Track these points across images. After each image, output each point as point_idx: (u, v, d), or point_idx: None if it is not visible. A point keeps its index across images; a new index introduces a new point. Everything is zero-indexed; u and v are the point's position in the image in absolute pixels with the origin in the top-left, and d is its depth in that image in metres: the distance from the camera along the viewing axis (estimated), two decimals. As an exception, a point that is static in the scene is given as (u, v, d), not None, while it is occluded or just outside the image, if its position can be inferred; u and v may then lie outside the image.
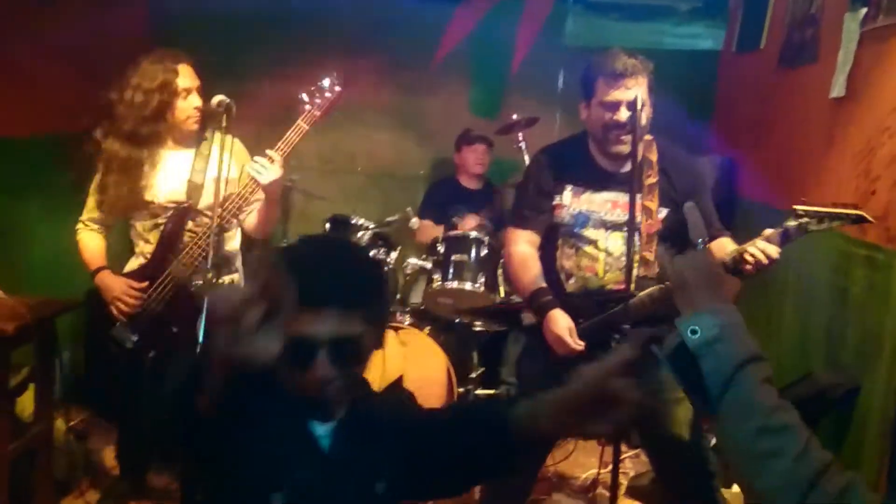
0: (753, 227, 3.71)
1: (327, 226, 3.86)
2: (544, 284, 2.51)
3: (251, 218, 2.82)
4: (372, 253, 3.85)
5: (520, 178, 4.16)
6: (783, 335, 3.18)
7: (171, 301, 2.72)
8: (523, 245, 2.60)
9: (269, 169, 2.56)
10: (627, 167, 2.47)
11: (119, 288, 2.72)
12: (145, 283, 2.74)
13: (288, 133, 2.63)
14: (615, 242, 2.49)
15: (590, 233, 2.51)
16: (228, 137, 2.61)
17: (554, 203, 2.55)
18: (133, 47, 4.24)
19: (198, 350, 2.20)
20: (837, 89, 2.87)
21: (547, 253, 2.59)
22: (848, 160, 2.79)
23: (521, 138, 4.28)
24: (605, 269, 2.50)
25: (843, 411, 2.55)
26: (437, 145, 4.94)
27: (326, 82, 2.64)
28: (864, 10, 2.74)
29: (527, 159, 4.21)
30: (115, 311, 2.73)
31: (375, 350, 1.43)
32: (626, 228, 2.40)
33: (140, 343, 2.73)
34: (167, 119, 2.72)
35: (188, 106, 2.74)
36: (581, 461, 3.67)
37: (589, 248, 2.51)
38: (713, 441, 3.08)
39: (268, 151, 2.60)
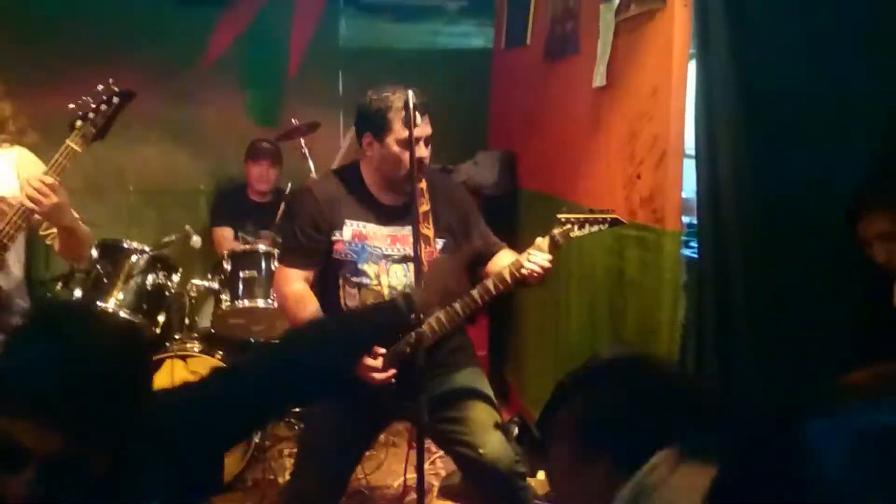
0: (535, 216, 3.88)
1: (94, 253, 3.50)
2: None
3: (56, 245, 2.47)
4: (150, 278, 3.55)
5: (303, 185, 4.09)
6: (572, 319, 3.29)
7: None
8: (297, 284, 2.46)
9: (44, 194, 2.18)
10: (401, 200, 2.47)
11: None
12: None
13: (56, 156, 2.21)
14: (396, 275, 2.46)
15: (371, 268, 2.45)
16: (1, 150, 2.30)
17: (333, 239, 2.45)
18: None
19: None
20: (599, 79, 2.99)
21: (329, 294, 2.48)
22: (614, 146, 2.92)
23: (303, 144, 4.15)
24: None
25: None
26: (216, 157, 4.70)
27: (102, 92, 2.23)
28: (617, 1, 2.86)
29: (311, 165, 4.09)
30: None
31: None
32: (408, 260, 2.41)
33: None
34: None
35: None
36: (393, 468, 3.61)
37: (373, 284, 2.45)
38: (515, 431, 3.14)
39: (40, 175, 2.21)
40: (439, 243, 2.49)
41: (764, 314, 2.30)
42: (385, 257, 2.46)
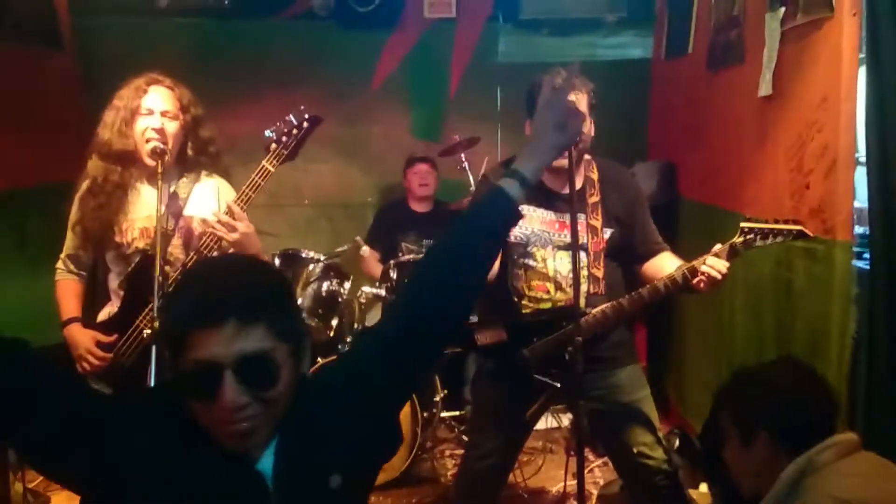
0: (696, 226, 3.83)
1: (276, 261, 3.82)
2: None
3: None
4: (325, 285, 3.83)
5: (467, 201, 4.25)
6: (736, 332, 3.24)
7: (144, 354, 2.47)
8: None
9: (228, 225, 2.41)
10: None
11: (84, 344, 2.54)
12: (114, 337, 2.55)
13: (252, 177, 2.45)
14: (563, 262, 2.51)
15: (539, 252, 2.53)
16: (204, 179, 2.59)
17: None
18: (65, 98, 4.26)
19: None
20: (765, 88, 2.95)
21: (497, 273, 2.58)
22: (781, 156, 2.86)
23: (463, 159, 4.32)
24: (556, 288, 2.52)
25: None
26: (383, 172, 4.97)
27: (294, 117, 2.48)
28: (783, 10, 2.82)
29: (471, 179, 4.25)
30: (79, 369, 2.55)
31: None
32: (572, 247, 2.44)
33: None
34: (131, 136, 2.53)
35: (148, 125, 2.52)
36: (551, 474, 3.68)
37: (539, 267, 2.53)
38: (676, 443, 3.13)
39: (230, 204, 2.44)
40: (607, 233, 2.54)
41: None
42: (551, 242, 2.53)
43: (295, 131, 2.46)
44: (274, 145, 2.46)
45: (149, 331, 2.29)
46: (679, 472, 2.64)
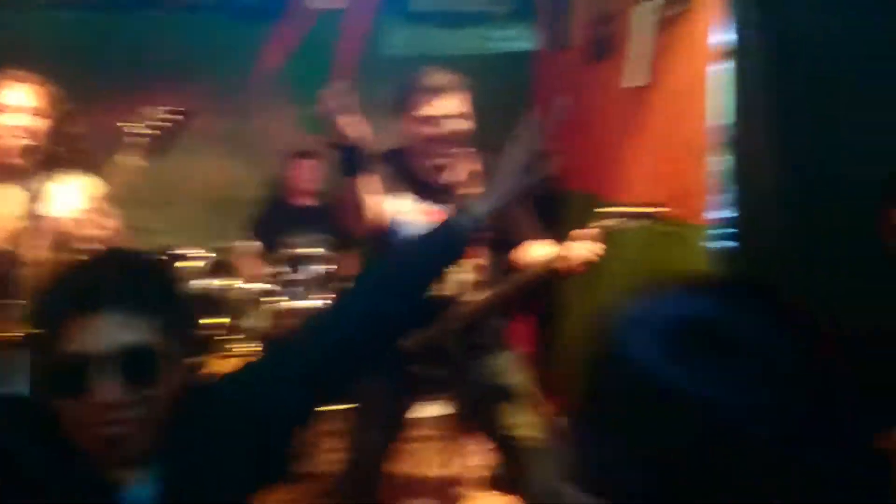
0: (578, 216, 3.91)
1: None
2: None
3: None
4: (209, 282, 3.75)
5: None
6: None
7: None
8: None
9: (99, 223, 2.32)
10: (453, 178, 2.54)
11: None
12: None
13: (115, 173, 2.36)
14: None
15: None
16: (72, 177, 2.50)
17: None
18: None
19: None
20: (628, 78, 3.05)
21: None
22: (652, 146, 2.97)
23: (352, 151, 4.28)
24: None
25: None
26: (270, 167, 4.87)
27: (159, 112, 2.41)
28: (651, 3, 2.92)
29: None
30: None
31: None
32: None
33: None
34: None
35: (8, 123, 2.43)
36: (436, 459, 3.69)
37: None
38: (558, 426, 3.20)
39: (95, 201, 2.35)
40: None
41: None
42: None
43: (161, 124, 2.39)
44: (138, 140, 2.39)
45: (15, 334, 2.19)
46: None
